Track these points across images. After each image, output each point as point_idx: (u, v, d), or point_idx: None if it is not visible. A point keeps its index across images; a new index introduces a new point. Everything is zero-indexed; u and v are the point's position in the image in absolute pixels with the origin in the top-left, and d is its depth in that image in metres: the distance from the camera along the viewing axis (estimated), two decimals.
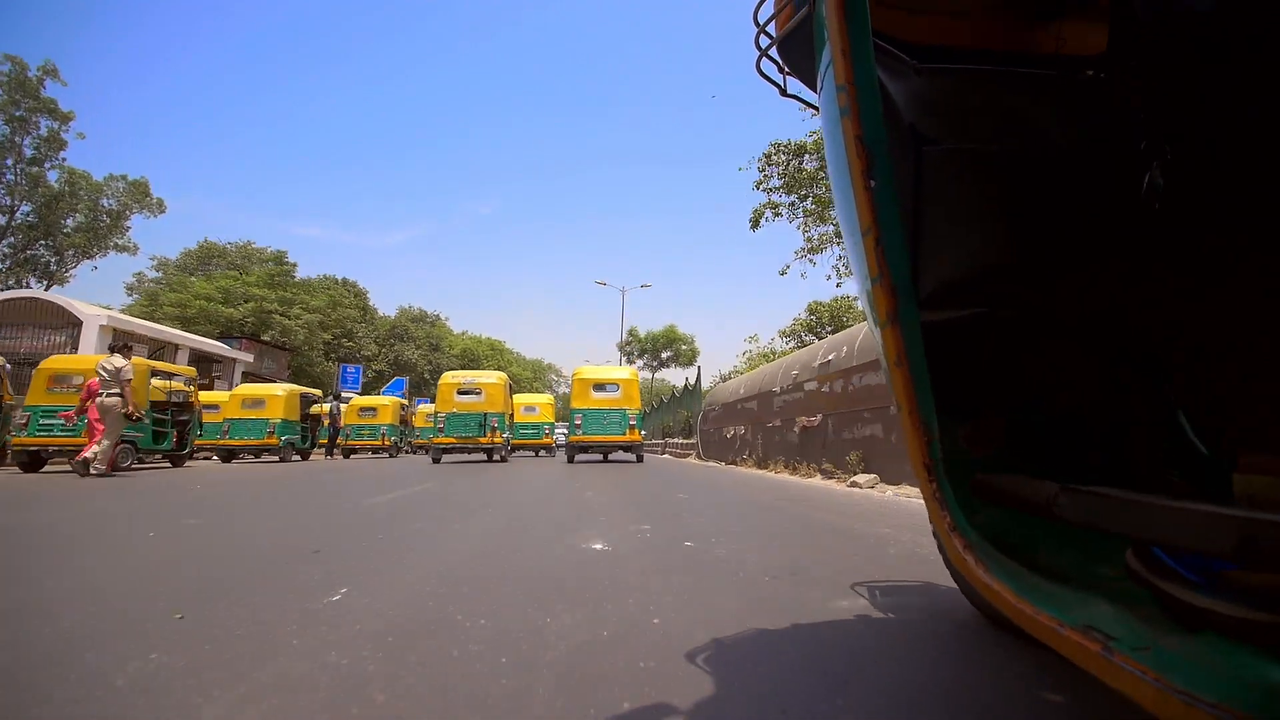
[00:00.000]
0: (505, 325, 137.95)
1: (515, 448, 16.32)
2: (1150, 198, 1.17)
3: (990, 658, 1.21)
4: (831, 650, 1.25)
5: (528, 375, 58.89)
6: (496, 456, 11.94)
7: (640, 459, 12.01)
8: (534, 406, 17.29)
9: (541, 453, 17.97)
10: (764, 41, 1.37)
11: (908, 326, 0.90)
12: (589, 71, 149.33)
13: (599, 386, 11.66)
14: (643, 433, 11.84)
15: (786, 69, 1.44)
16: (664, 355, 46.65)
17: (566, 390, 58.59)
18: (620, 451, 11.77)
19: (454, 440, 11.68)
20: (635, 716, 0.94)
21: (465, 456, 14.42)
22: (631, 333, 45.92)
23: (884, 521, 3.41)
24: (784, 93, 1.47)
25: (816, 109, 1.29)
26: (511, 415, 13.79)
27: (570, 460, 11.84)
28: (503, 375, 12.51)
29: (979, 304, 1.26)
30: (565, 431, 12.34)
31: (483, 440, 11.67)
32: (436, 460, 11.68)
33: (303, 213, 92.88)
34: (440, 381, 12.37)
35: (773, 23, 1.37)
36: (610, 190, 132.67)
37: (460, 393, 12.11)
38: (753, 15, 1.35)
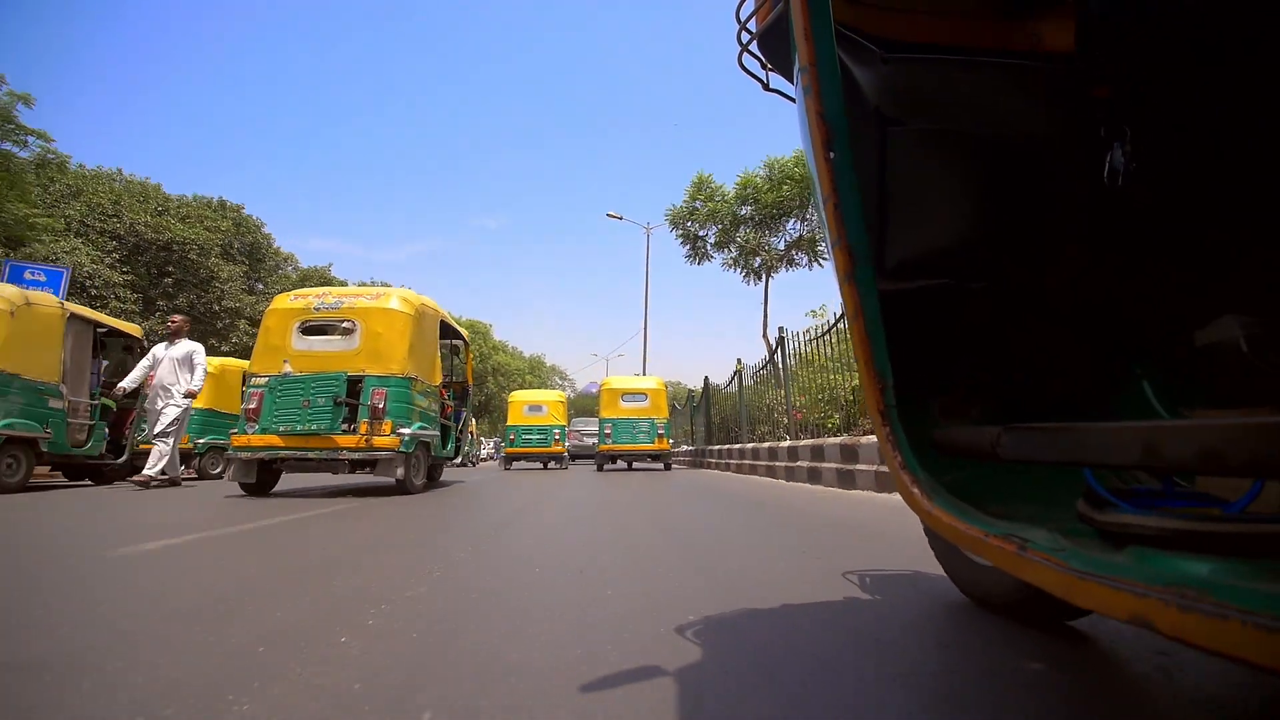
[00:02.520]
0: (503, 321, 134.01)
1: (514, 457, 13.11)
2: (1112, 179, 1.23)
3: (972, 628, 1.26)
4: None
5: (521, 368, 51.05)
6: (391, 476, 5.24)
7: (668, 467, 12.16)
8: (540, 405, 13.23)
9: (551, 463, 13.82)
10: (745, 38, 1.43)
11: (864, 285, 1.00)
12: (594, 71, 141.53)
13: (628, 396, 11.86)
14: (670, 441, 12.21)
15: (768, 65, 1.48)
16: (791, 228, 17.84)
17: (571, 394, 52.12)
18: (648, 460, 12.24)
19: (278, 441, 4.97)
20: (622, 679, 0.96)
21: (338, 478, 7.72)
22: (701, 186, 18.38)
23: None
24: (766, 87, 1.53)
25: (794, 100, 1.28)
26: (446, 394, 7.13)
27: (600, 469, 11.85)
28: (417, 299, 5.72)
29: (944, 275, 1.31)
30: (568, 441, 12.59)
31: (347, 441, 5.00)
32: (253, 488, 5.22)
33: (312, 224, 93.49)
34: (268, 310, 5.68)
35: (753, 19, 1.42)
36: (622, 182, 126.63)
37: (306, 330, 5.39)
38: (735, 12, 1.42)
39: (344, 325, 5.41)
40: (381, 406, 5.14)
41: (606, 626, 1.28)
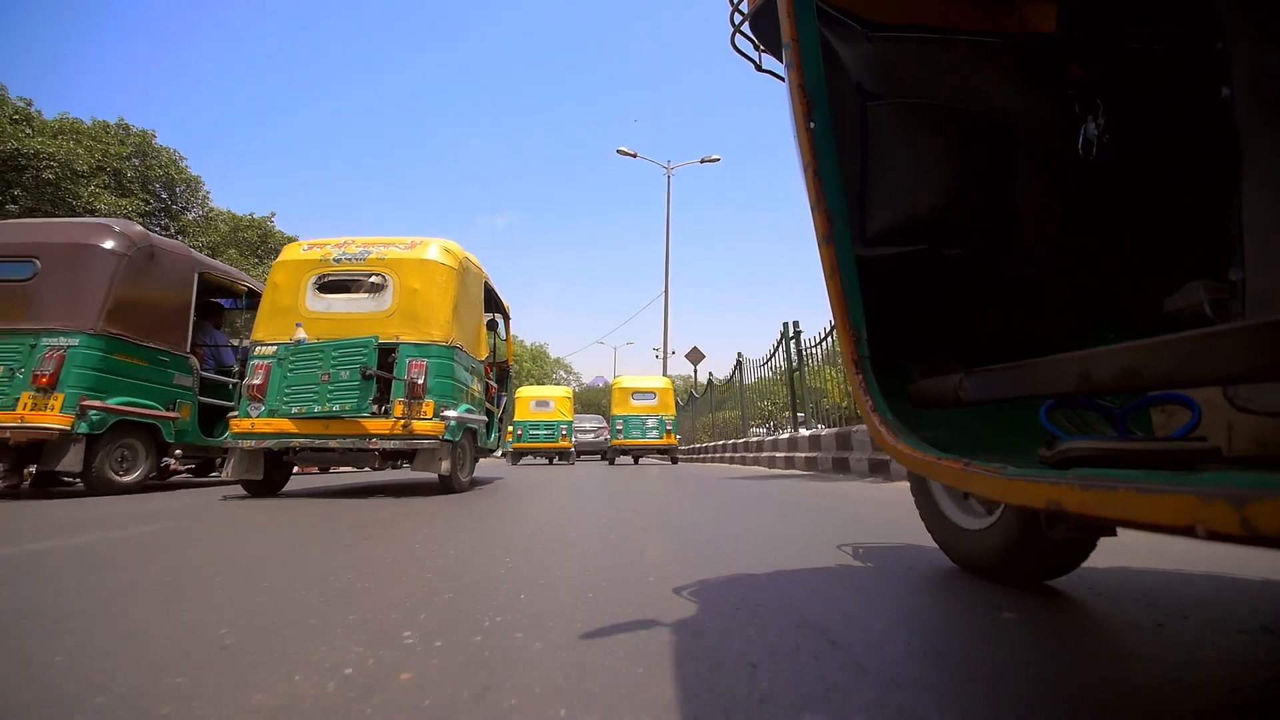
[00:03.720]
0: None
1: (522, 452, 13.33)
2: (1086, 151, 1.31)
3: (956, 588, 1.36)
4: None
5: (521, 354, 49.43)
6: (433, 471, 4.26)
7: (674, 461, 12.95)
8: (548, 401, 13.50)
9: (557, 459, 14.25)
10: (737, 19, 1.48)
11: (840, 246, 1.08)
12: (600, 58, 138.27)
13: (638, 394, 12.76)
14: (678, 437, 13.00)
15: (760, 46, 1.53)
16: None
17: (577, 388, 49.89)
18: (655, 454, 13.11)
19: (290, 426, 3.95)
20: (622, 629, 1.05)
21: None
22: None
23: None
24: (759, 67, 1.57)
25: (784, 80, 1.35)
26: (491, 373, 6.12)
27: (611, 462, 13.10)
28: (460, 251, 4.58)
29: (922, 242, 1.34)
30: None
31: (379, 427, 3.97)
32: (258, 487, 4.16)
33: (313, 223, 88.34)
34: (275, 263, 4.66)
35: (745, 1, 1.47)
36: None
37: (324, 286, 4.36)
38: None
39: (372, 280, 4.33)
40: (421, 382, 4.09)
41: None
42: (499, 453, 6.61)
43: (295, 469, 5.19)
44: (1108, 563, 1.51)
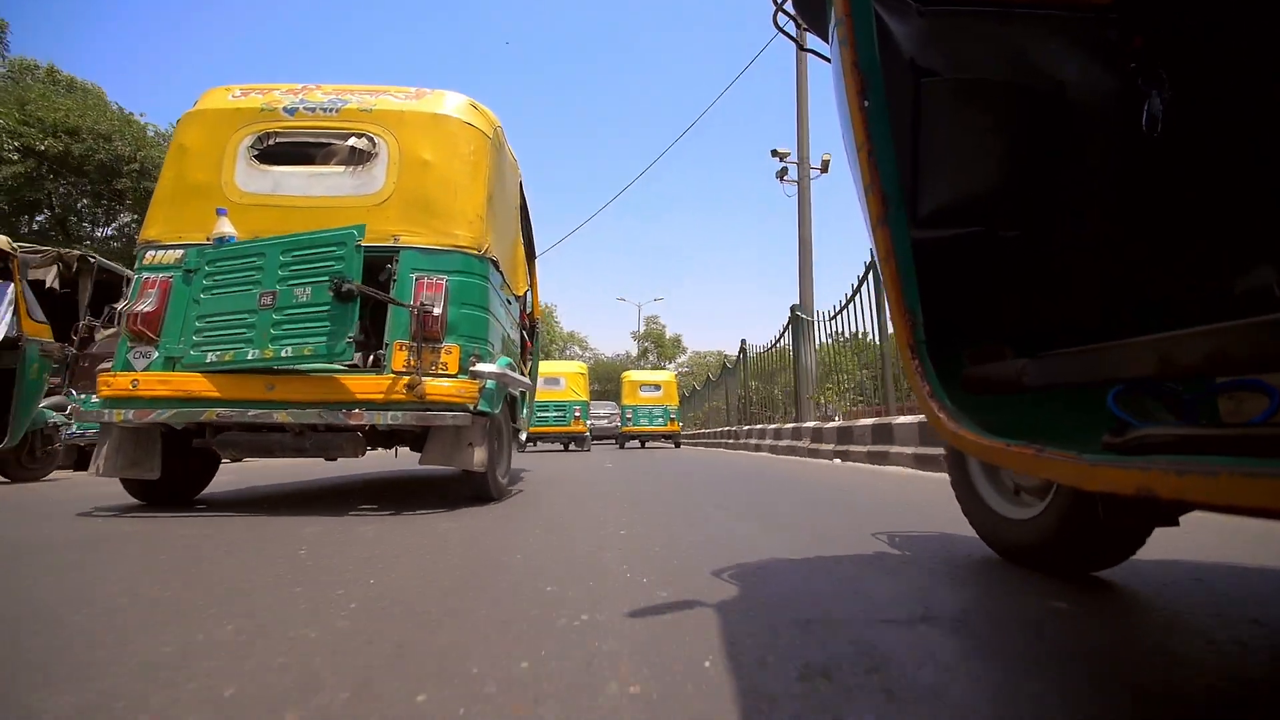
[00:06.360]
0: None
1: (532, 436, 12.22)
2: (1150, 127, 1.25)
3: (994, 573, 1.37)
4: None
5: None
6: (460, 463, 2.47)
7: (678, 445, 14.76)
8: (557, 379, 12.37)
9: (571, 445, 12.77)
10: None
11: (896, 229, 1.04)
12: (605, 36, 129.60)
13: (645, 387, 14.37)
14: (680, 424, 14.88)
15: (803, 24, 1.50)
16: None
17: (592, 362, 48.50)
18: (661, 440, 14.66)
19: (208, 387, 2.17)
20: (665, 610, 1.09)
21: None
22: None
23: None
24: (801, 46, 1.56)
25: (830, 60, 1.34)
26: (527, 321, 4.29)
27: (621, 446, 14.41)
28: (493, 116, 2.85)
29: (977, 223, 1.33)
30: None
31: (366, 386, 2.31)
32: (152, 490, 2.38)
33: None
34: (185, 115, 2.92)
35: None
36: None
37: (269, 154, 2.55)
38: None
39: (351, 144, 2.60)
40: (438, 313, 2.39)
41: None
42: (523, 436, 4.71)
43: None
44: (1155, 555, 1.40)
